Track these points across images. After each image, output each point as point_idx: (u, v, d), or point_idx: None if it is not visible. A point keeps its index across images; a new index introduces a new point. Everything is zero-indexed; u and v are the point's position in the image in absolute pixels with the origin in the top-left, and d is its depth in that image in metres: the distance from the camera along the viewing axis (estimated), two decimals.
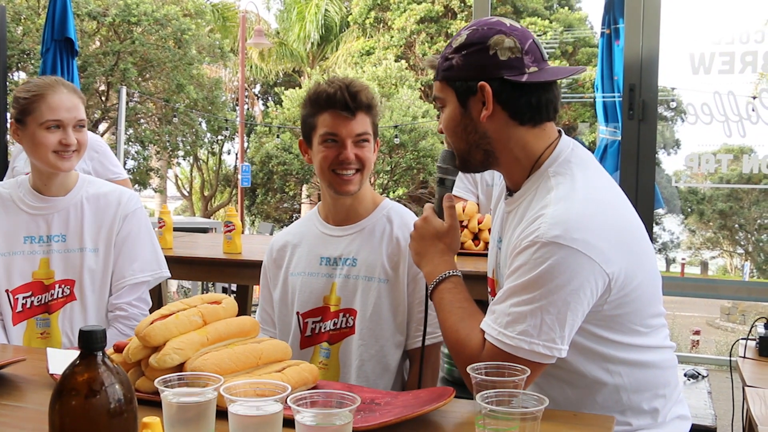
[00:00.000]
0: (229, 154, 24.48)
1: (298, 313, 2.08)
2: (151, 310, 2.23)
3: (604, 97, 5.24)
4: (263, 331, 2.20)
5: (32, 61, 14.50)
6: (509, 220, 1.71)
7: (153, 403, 1.42)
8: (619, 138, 5.14)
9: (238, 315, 1.73)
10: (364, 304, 2.02)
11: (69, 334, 2.30)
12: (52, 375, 1.67)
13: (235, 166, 21.80)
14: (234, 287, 7.63)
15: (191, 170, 24.67)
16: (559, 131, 1.71)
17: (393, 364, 2.02)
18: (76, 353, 1.65)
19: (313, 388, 1.60)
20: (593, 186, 1.61)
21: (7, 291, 2.29)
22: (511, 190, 1.74)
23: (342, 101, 1.96)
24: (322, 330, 2.06)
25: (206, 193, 23.74)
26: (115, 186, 2.44)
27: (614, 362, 1.63)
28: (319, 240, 2.13)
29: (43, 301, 2.30)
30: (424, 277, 1.79)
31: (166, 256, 2.46)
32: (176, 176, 25.47)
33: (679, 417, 1.75)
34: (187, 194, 25.43)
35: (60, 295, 2.30)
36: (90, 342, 1.02)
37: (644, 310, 1.63)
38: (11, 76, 14.43)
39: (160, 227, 3.75)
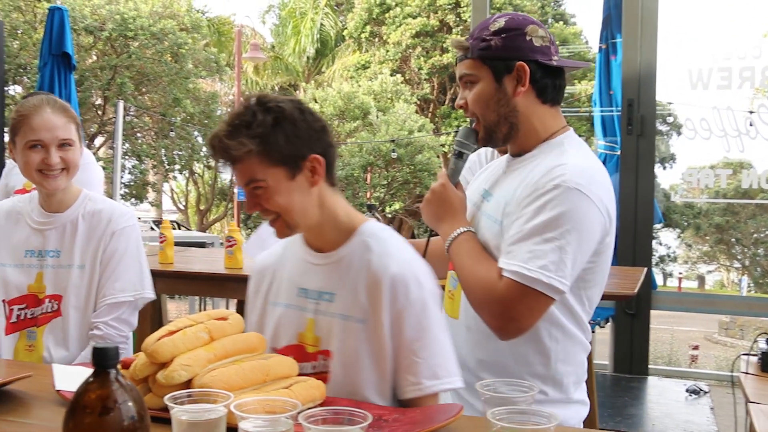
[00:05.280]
0: None
1: (274, 348, 1.82)
2: (153, 329, 2.22)
3: (602, 111, 5.27)
4: None
5: (29, 76, 14.50)
6: (507, 177, 1.90)
7: (160, 419, 1.41)
8: (617, 152, 5.18)
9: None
10: (341, 348, 1.71)
11: (50, 349, 2.32)
12: (58, 391, 1.66)
13: (231, 179, 21.79)
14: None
15: (187, 184, 24.63)
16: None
17: None
18: (83, 370, 1.66)
19: (320, 404, 1.60)
20: (601, 166, 1.86)
21: (3, 301, 2.33)
22: (518, 154, 1.92)
23: None
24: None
25: (202, 207, 23.70)
26: (111, 203, 2.44)
27: (556, 326, 1.80)
28: (299, 267, 1.83)
29: (34, 315, 2.33)
30: (441, 236, 1.92)
31: (167, 272, 2.45)
32: (172, 190, 25.44)
33: (580, 402, 1.89)
34: (182, 208, 25.39)
35: (49, 310, 2.33)
36: (103, 359, 1.02)
37: (599, 286, 1.84)
38: (8, 91, 14.42)
39: (161, 242, 3.72)
